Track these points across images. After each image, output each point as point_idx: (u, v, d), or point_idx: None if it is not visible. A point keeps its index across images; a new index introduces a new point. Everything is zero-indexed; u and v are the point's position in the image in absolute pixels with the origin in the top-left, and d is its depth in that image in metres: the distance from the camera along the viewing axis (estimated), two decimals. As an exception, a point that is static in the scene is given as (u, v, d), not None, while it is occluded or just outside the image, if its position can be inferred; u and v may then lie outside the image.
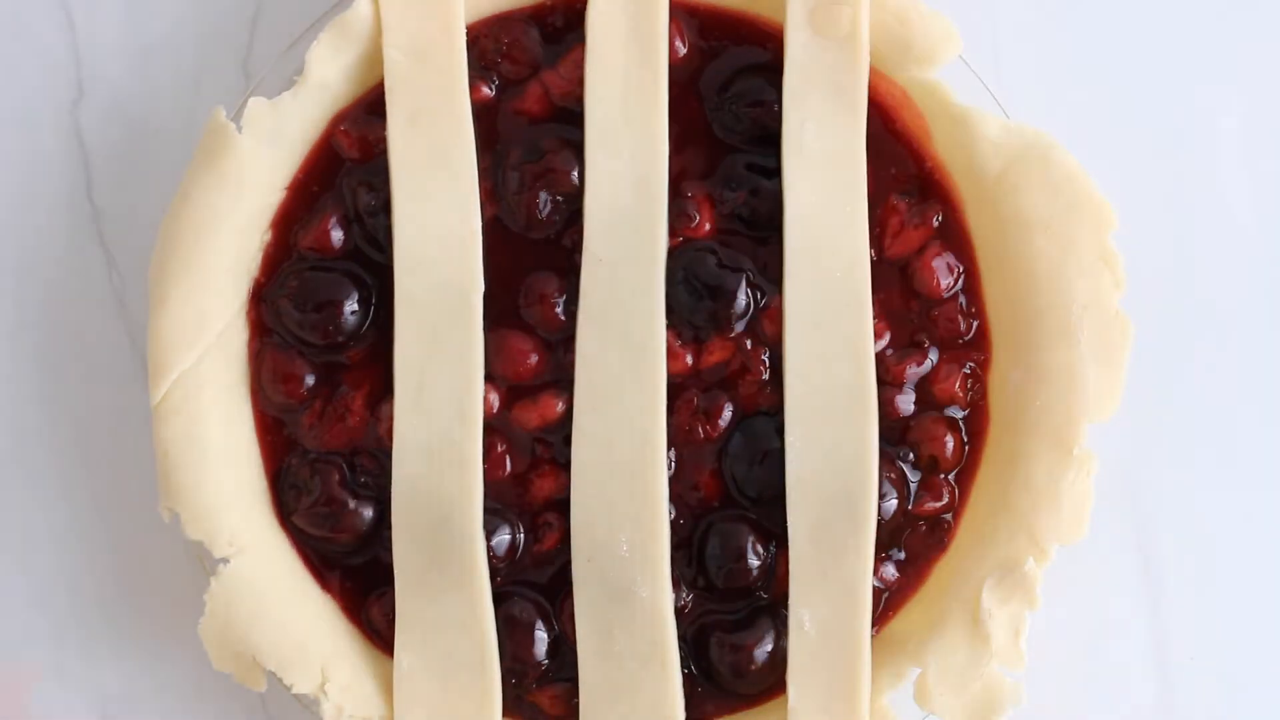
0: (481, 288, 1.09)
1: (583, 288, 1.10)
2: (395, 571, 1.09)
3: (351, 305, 1.11)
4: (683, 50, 1.13)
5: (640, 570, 1.09)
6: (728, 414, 1.12)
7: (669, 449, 1.11)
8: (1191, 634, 1.19)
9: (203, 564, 1.12)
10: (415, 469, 1.09)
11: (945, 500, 1.12)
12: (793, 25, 1.10)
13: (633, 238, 1.09)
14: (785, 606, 1.09)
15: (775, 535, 1.11)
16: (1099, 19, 1.20)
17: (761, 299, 1.11)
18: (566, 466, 1.10)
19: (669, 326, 1.11)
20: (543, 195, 1.11)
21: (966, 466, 1.13)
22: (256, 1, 1.20)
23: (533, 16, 1.13)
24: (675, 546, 1.11)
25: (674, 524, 1.11)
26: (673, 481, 1.11)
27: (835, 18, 1.09)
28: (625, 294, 1.09)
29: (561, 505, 1.11)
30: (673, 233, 1.11)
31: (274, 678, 1.09)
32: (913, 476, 1.12)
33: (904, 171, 1.12)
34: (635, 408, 1.09)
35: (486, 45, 1.12)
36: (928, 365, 1.12)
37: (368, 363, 1.12)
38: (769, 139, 1.11)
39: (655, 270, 1.10)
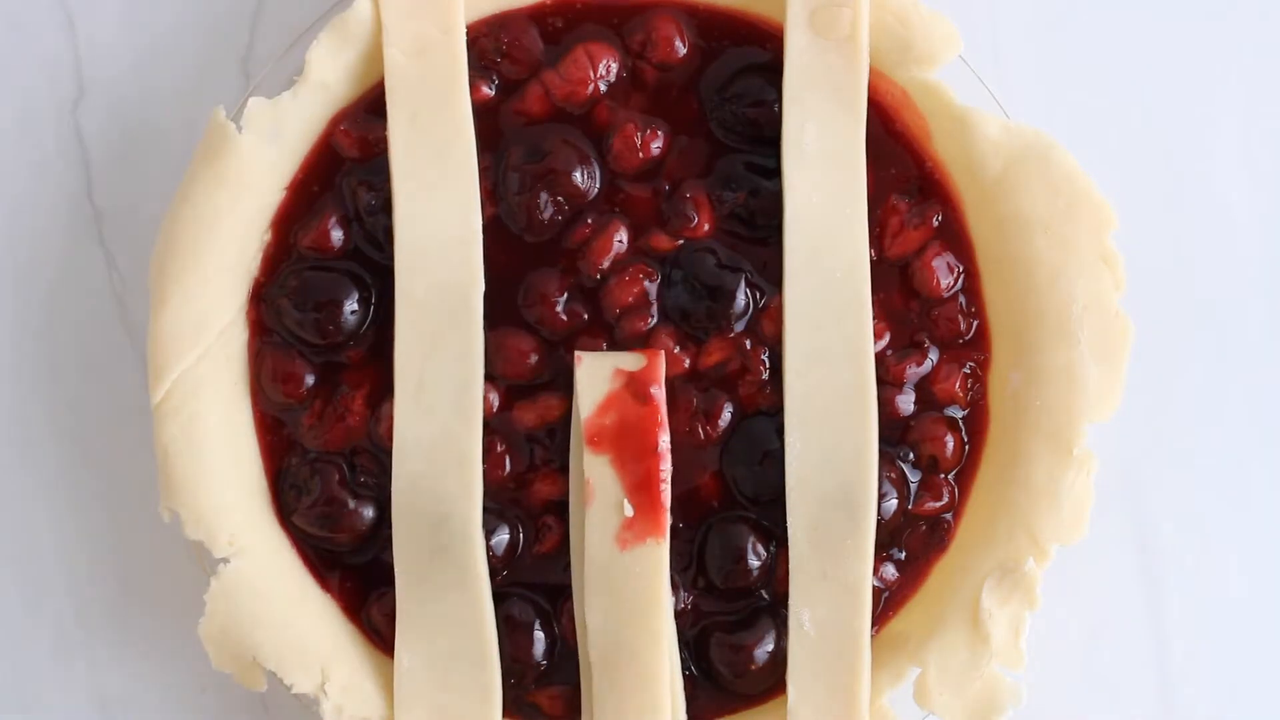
0: (482, 287, 1.09)
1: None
2: (395, 570, 1.09)
3: (351, 305, 1.11)
4: (683, 50, 1.13)
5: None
6: (727, 414, 1.12)
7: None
8: (1191, 634, 1.19)
9: (203, 564, 1.12)
10: (415, 468, 1.09)
11: (945, 500, 1.12)
12: (793, 26, 1.10)
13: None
14: (785, 606, 1.10)
15: (775, 535, 1.11)
16: (1099, 19, 1.20)
17: (761, 299, 1.11)
18: (565, 469, 1.11)
19: (668, 327, 1.11)
20: (543, 196, 1.11)
21: (966, 466, 1.13)
22: (256, 1, 1.20)
23: (533, 16, 1.13)
24: (676, 548, 1.11)
25: (674, 526, 1.11)
26: (673, 484, 1.11)
27: (835, 19, 1.09)
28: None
29: (560, 508, 1.11)
30: (672, 233, 1.12)
31: (274, 678, 1.09)
32: (913, 476, 1.12)
33: (904, 172, 1.12)
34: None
35: (486, 45, 1.12)
36: (928, 365, 1.12)
37: (368, 362, 1.12)
38: (768, 139, 1.11)
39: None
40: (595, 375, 1.08)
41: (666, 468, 1.08)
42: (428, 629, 1.09)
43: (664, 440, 1.08)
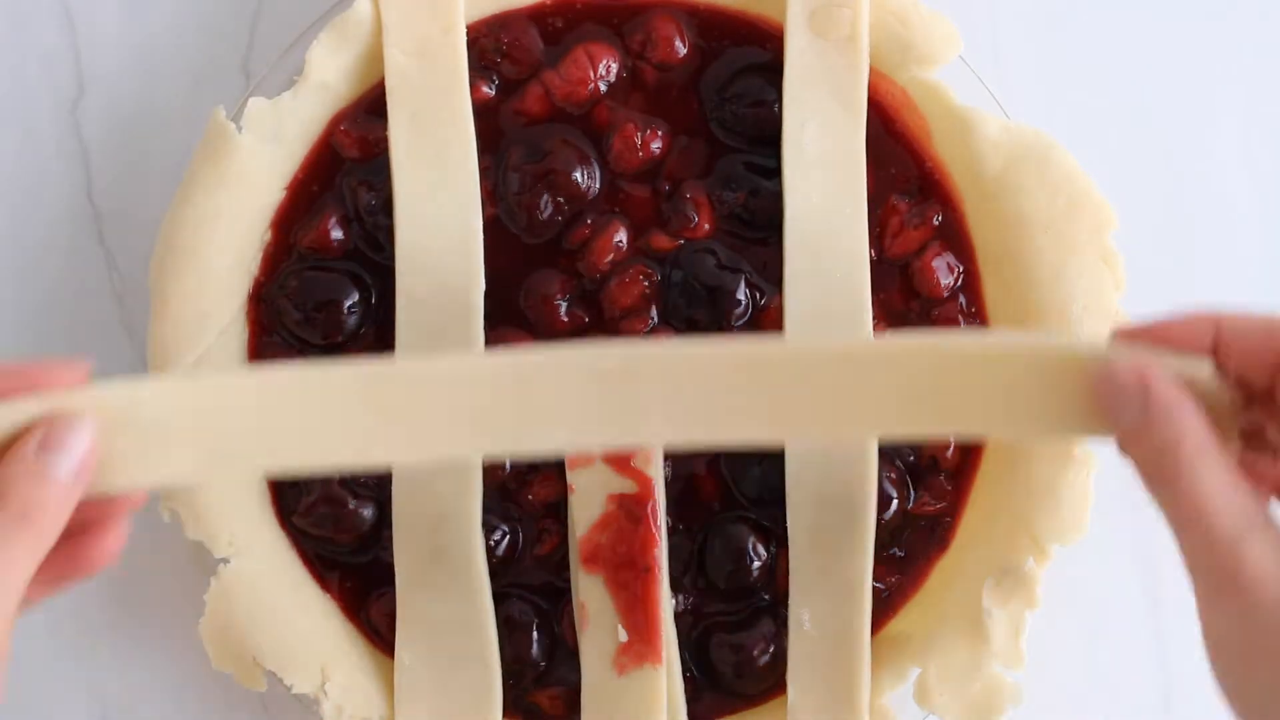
0: (483, 287, 1.09)
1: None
2: (395, 568, 1.09)
3: (351, 305, 1.11)
4: (683, 50, 1.13)
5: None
6: (727, 414, 1.12)
7: (667, 457, 1.11)
8: (1192, 634, 1.18)
9: (203, 564, 1.12)
10: (415, 466, 1.09)
11: (945, 500, 1.12)
12: (793, 27, 1.10)
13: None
14: (786, 606, 1.10)
15: (776, 535, 1.11)
16: (1100, 19, 1.20)
17: (761, 299, 1.11)
18: (564, 473, 1.10)
19: (667, 328, 1.11)
20: (544, 196, 1.11)
21: (966, 466, 1.13)
22: (256, 1, 1.20)
23: (532, 16, 1.13)
24: (675, 549, 1.11)
25: (673, 527, 1.11)
26: (671, 484, 1.11)
27: (835, 20, 1.09)
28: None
29: (559, 510, 1.11)
30: (672, 234, 1.12)
31: (274, 678, 1.09)
32: (913, 477, 1.12)
33: (904, 172, 1.12)
34: None
35: (486, 45, 1.12)
36: (928, 365, 1.12)
37: (368, 363, 1.12)
38: (768, 139, 1.11)
39: None
40: (589, 497, 1.09)
41: (663, 590, 1.09)
42: (428, 628, 1.09)
43: (660, 558, 1.09)
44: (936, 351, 0.89)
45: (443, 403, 0.90)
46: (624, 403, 0.89)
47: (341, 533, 1.12)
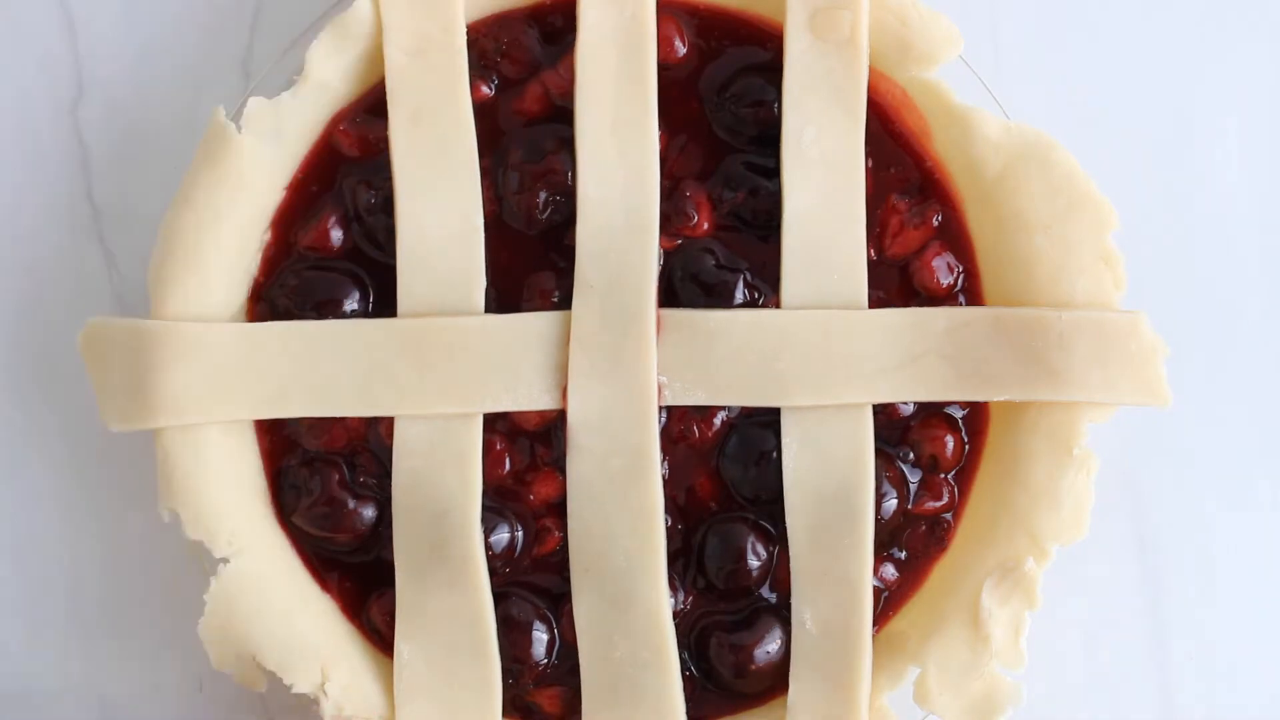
0: (483, 285, 1.10)
1: (574, 313, 1.09)
2: (395, 563, 1.09)
3: (351, 304, 1.11)
4: (683, 50, 1.13)
5: (638, 580, 1.09)
6: (723, 415, 1.12)
7: (664, 457, 1.11)
8: (1191, 634, 1.19)
9: (203, 564, 1.12)
10: (416, 463, 1.09)
11: (945, 500, 1.12)
12: (793, 29, 1.10)
13: (624, 264, 1.09)
14: (786, 606, 1.10)
15: (775, 535, 1.11)
16: (1099, 20, 1.20)
17: (759, 299, 1.11)
18: (564, 471, 1.10)
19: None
20: (543, 195, 1.11)
21: (966, 466, 1.13)
22: (256, 1, 1.20)
23: (532, 16, 1.13)
24: (675, 549, 1.11)
25: (672, 527, 1.11)
26: (669, 484, 1.11)
27: (835, 22, 1.09)
28: (617, 318, 1.09)
29: (559, 509, 1.11)
30: (672, 233, 1.11)
31: (274, 678, 1.09)
32: (913, 476, 1.12)
33: (904, 172, 1.12)
34: (629, 425, 1.09)
35: (486, 45, 1.12)
36: (928, 365, 1.12)
37: (368, 362, 1.12)
38: (768, 139, 1.11)
39: (646, 298, 1.09)
40: None
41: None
42: (427, 623, 1.09)
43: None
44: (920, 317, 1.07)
45: (474, 355, 1.08)
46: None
47: (341, 533, 1.12)
